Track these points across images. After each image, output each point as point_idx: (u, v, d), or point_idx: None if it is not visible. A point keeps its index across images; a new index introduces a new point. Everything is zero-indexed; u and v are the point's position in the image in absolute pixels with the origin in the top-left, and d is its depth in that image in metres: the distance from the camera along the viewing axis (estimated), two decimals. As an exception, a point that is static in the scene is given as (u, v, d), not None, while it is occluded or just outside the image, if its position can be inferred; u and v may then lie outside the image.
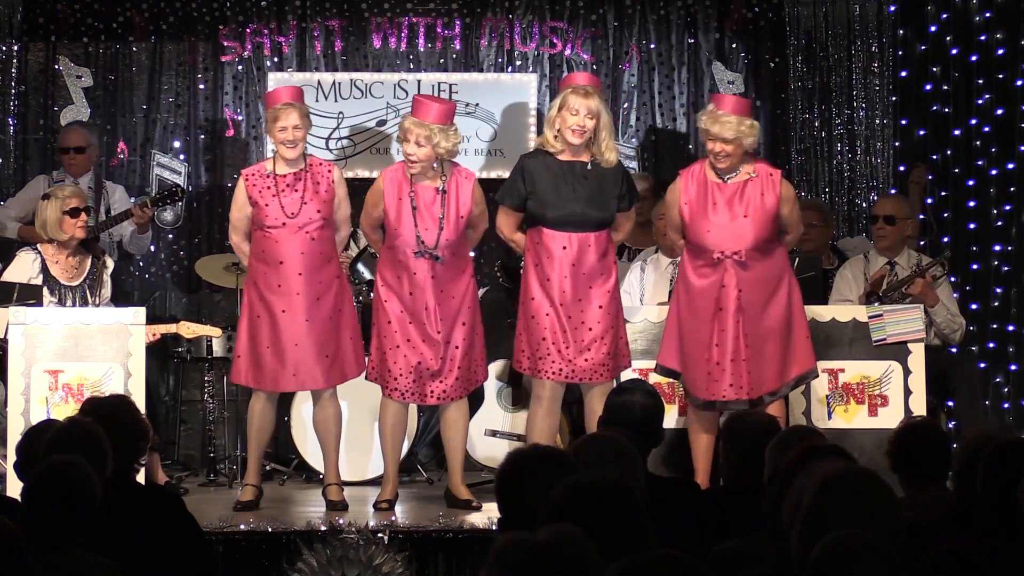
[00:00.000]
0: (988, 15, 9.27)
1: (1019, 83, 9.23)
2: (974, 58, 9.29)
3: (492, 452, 8.03)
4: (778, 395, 7.14)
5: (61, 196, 7.84)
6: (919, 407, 7.42)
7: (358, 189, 7.95)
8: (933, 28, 9.39)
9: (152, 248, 9.22)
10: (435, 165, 7.26)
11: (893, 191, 9.24)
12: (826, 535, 3.23)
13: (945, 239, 9.23)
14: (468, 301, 7.34)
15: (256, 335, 7.33)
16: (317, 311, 7.30)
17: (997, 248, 9.25)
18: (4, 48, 9.36)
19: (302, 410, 8.06)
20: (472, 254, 7.39)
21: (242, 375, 7.41)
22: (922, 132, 9.44)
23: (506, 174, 7.76)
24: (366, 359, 7.44)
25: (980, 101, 9.29)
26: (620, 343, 7.26)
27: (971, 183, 9.30)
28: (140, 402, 6.62)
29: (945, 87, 9.37)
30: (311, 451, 7.90)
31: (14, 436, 6.84)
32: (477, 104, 9.36)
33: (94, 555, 4.03)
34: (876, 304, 7.80)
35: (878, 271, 8.16)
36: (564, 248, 7.12)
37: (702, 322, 7.06)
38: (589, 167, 7.18)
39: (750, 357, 7.01)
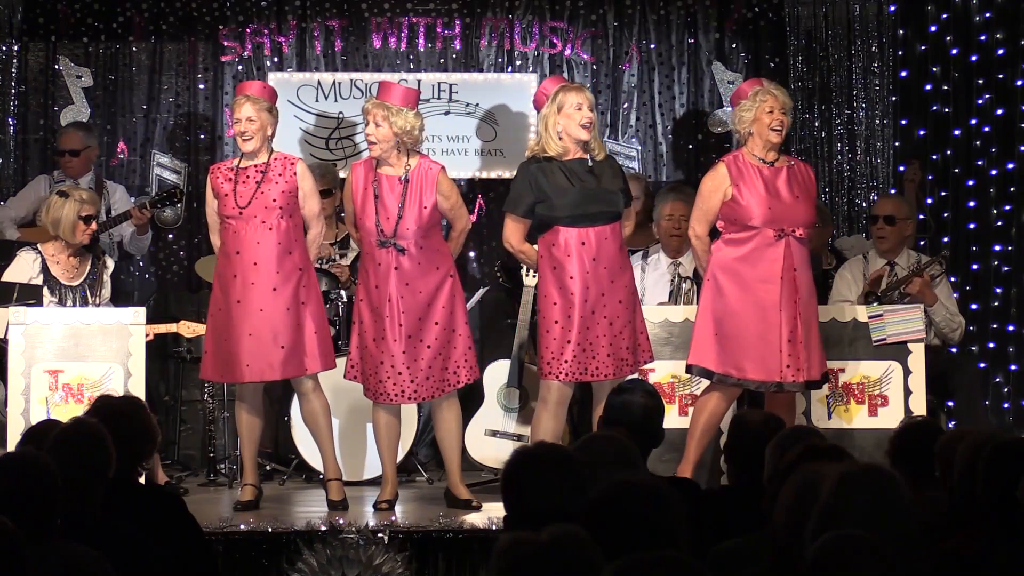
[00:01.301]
0: (988, 15, 9.28)
1: (1019, 83, 9.24)
2: (974, 58, 9.30)
3: (492, 452, 8.03)
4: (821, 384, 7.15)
5: (79, 200, 7.82)
6: (919, 407, 7.42)
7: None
8: (933, 28, 9.40)
9: (152, 248, 9.22)
10: (399, 153, 7.23)
11: (893, 191, 9.24)
12: (826, 535, 3.23)
13: (945, 239, 9.24)
14: (443, 301, 7.22)
15: (217, 328, 7.31)
16: (272, 301, 7.22)
17: (997, 248, 9.26)
18: (4, 48, 9.36)
19: (301, 409, 8.05)
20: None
21: (208, 370, 7.41)
22: (922, 132, 9.44)
23: (506, 174, 7.77)
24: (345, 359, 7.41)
25: (980, 101, 9.30)
26: (640, 337, 7.23)
27: (971, 183, 9.31)
28: (140, 402, 6.62)
29: (945, 87, 9.38)
30: (311, 451, 7.89)
31: (14, 436, 6.84)
32: (477, 104, 9.35)
33: (83, 547, 4.02)
34: (875, 304, 7.80)
35: (877, 270, 8.16)
36: (583, 244, 7.07)
37: (767, 306, 6.95)
38: (590, 163, 7.18)
39: (803, 339, 6.95)
